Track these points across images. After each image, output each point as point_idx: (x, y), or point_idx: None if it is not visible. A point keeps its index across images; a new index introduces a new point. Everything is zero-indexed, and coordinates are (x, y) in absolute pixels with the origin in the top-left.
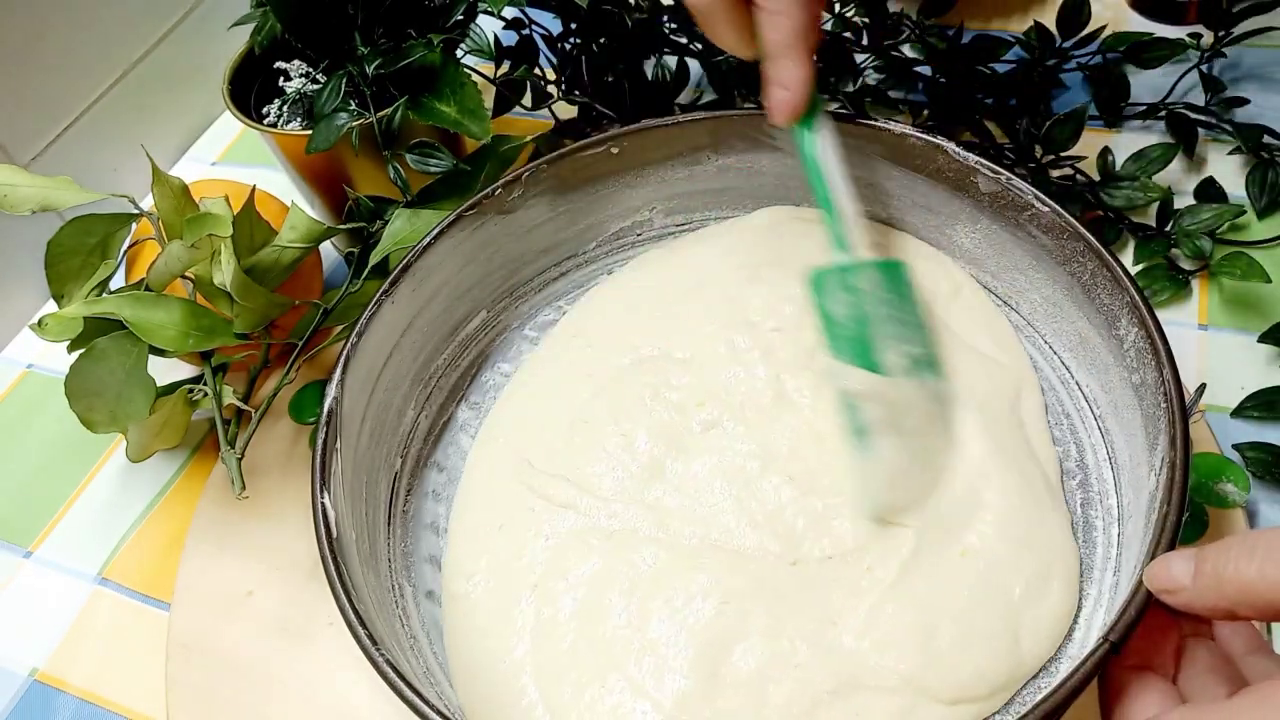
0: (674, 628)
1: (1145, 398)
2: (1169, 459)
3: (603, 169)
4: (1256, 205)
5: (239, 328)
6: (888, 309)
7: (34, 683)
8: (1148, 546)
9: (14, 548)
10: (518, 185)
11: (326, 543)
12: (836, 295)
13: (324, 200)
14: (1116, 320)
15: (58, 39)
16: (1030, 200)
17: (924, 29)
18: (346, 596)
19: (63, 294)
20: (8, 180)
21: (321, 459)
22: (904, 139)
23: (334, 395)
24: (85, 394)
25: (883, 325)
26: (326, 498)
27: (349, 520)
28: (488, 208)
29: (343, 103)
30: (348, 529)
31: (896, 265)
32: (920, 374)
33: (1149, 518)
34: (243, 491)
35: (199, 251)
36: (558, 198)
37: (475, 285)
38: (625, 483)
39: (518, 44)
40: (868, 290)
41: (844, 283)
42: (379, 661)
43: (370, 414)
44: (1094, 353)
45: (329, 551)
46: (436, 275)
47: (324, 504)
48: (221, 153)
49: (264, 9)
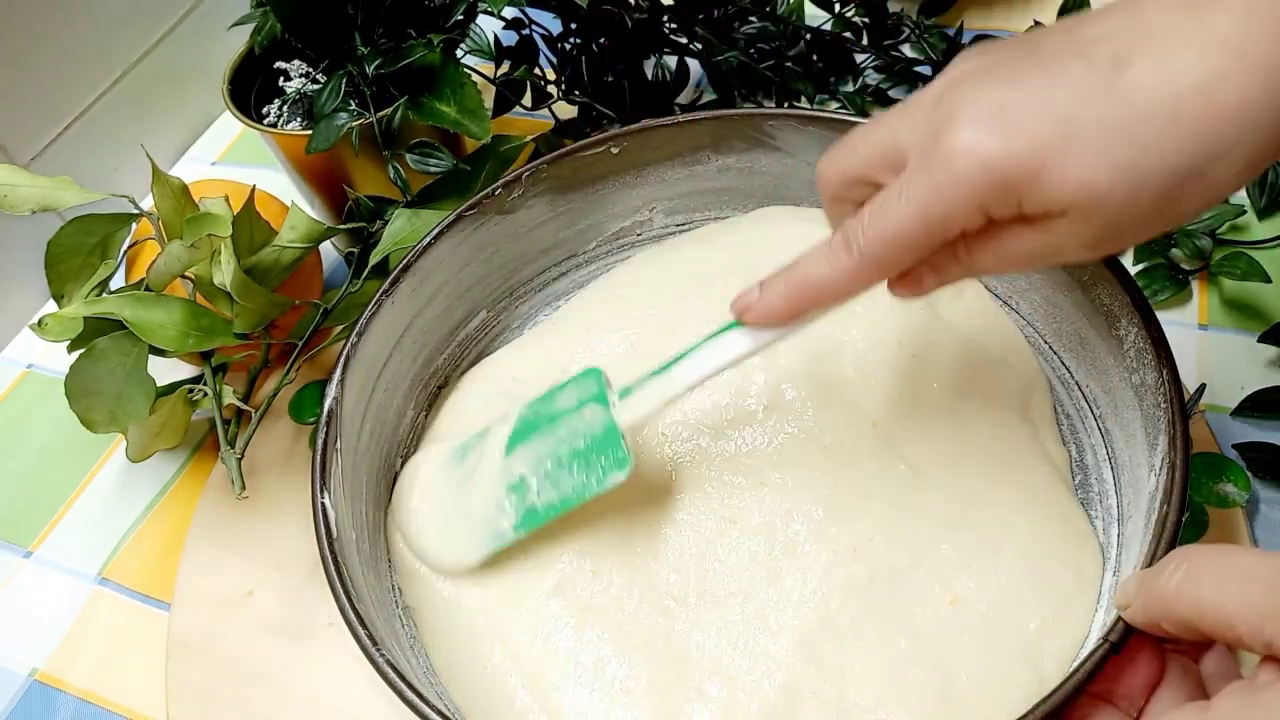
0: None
1: (1145, 398)
2: (1169, 459)
3: (603, 169)
4: (1256, 205)
5: (239, 328)
6: (566, 455)
7: (34, 683)
8: (1147, 547)
9: (14, 548)
10: (518, 185)
11: (326, 543)
12: (577, 390)
13: (324, 200)
14: (1116, 320)
15: (58, 39)
16: None
17: (924, 29)
18: (346, 596)
19: (63, 294)
20: (8, 180)
21: (321, 459)
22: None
23: (334, 395)
24: (85, 394)
25: (550, 448)
26: (326, 498)
27: (349, 520)
28: (488, 208)
29: (343, 103)
30: (348, 529)
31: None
32: (510, 499)
33: (1149, 518)
34: (242, 491)
35: (198, 251)
36: (558, 197)
37: (475, 285)
38: None
39: (518, 44)
40: (581, 424)
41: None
42: (379, 661)
43: (370, 414)
44: (1094, 353)
45: (329, 552)
46: (436, 275)
47: (324, 504)
48: (221, 153)
49: (264, 9)
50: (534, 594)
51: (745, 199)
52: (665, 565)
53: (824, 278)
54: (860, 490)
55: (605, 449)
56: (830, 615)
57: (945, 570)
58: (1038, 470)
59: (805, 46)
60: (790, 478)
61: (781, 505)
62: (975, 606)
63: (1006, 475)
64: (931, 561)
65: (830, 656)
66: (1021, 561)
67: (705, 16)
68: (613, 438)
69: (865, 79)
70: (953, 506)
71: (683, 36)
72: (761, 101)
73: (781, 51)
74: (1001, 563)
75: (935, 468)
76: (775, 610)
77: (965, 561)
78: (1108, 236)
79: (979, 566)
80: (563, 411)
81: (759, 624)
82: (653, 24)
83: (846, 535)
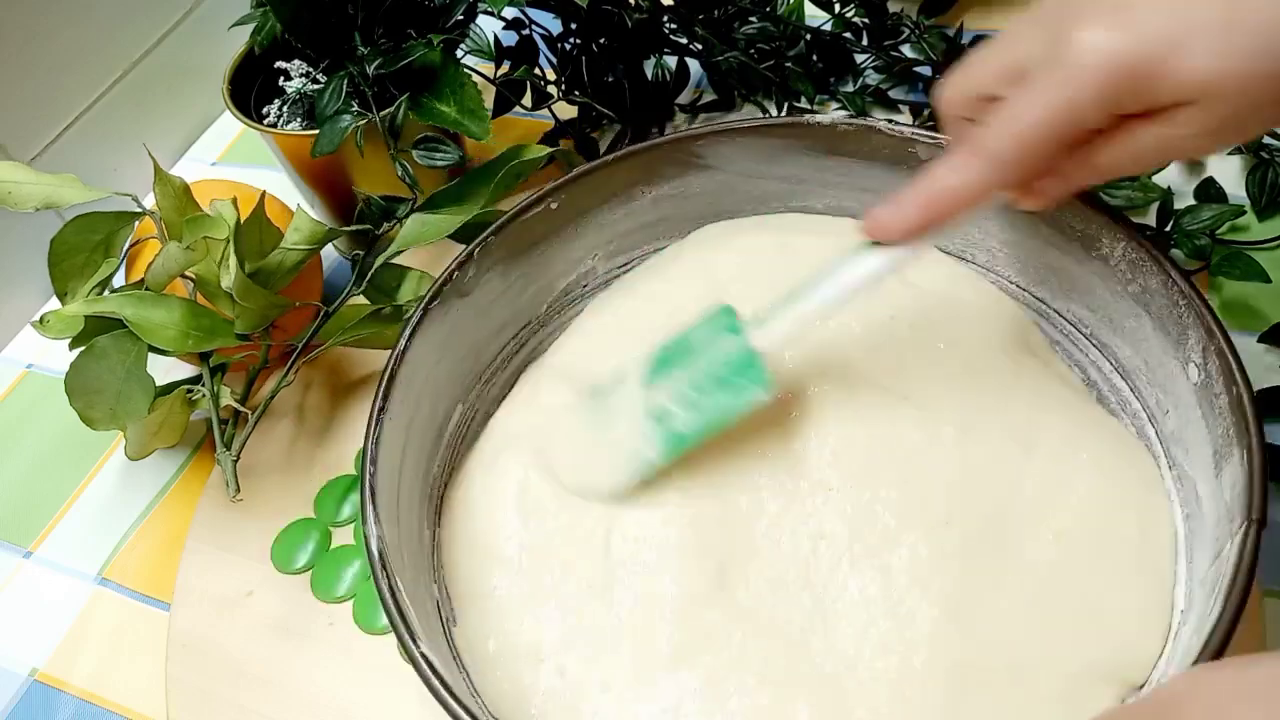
0: None
1: (1153, 301)
2: (1211, 346)
3: (544, 228)
4: (1256, 205)
5: (239, 328)
6: (707, 381)
7: (34, 683)
8: (1214, 431)
9: (14, 548)
10: (470, 264)
11: None
12: (710, 326)
13: (325, 199)
14: (1095, 241)
15: (58, 39)
16: None
17: (924, 29)
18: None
19: (66, 291)
20: (12, 177)
21: (393, 598)
22: (834, 128)
23: (376, 534)
24: (85, 391)
25: (689, 376)
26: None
27: None
28: (448, 294)
29: (344, 104)
30: None
31: (761, 382)
32: (654, 427)
33: (1204, 406)
34: (237, 494)
35: (195, 254)
36: (509, 267)
37: (447, 381)
38: None
39: (518, 44)
40: (719, 351)
41: (724, 326)
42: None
43: (403, 543)
44: (1071, 278)
45: None
46: (418, 377)
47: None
48: (221, 153)
49: (264, 9)
50: None
51: (680, 225)
52: (781, 600)
53: (956, 185)
54: (919, 467)
55: (744, 371)
56: (956, 587)
57: (1035, 509)
58: (1063, 395)
59: (805, 46)
60: (846, 476)
61: (855, 504)
62: (1076, 535)
63: (1042, 405)
64: (1018, 505)
65: (981, 625)
66: (1094, 473)
67: (705, 16)
68: (751, 360)
69: (865, 79)
70: (1010, 448)
71: (683, 36)
72: (761, 101)
73: (781, 51)
74: (1078, 480)
75: (977, 420)
76: (900, 597)
77: (1049, 494)
78: (1232, 125)
79: (1061, 495)
80: (699, 343)
81: (886, 614)
82: (653, 24)
83: (929, 511)
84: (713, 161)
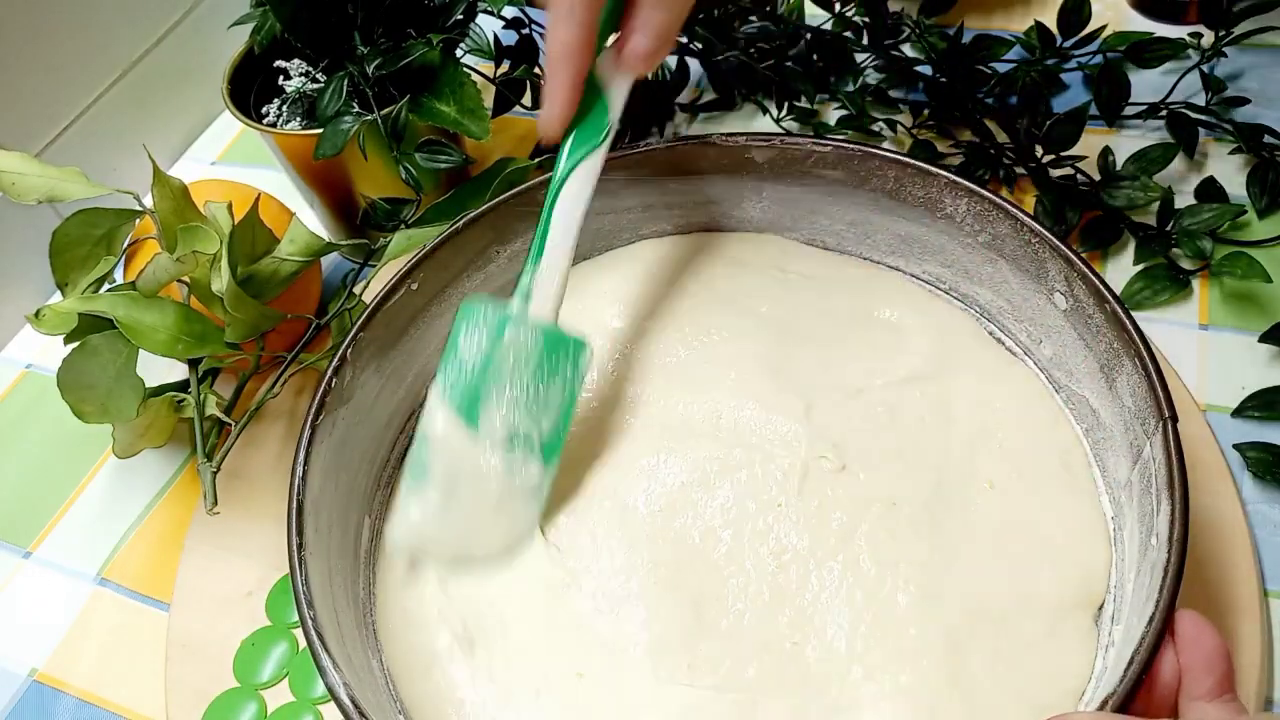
0: None
1: (1005, 246)
2: (1075, 274)
3: (410, 311)
4: (1257, 205)
5: (230, 337)
6: (529, 379)
7: (34, 683)
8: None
9: (14, 548)
10: (346, 367)
11: None
12: (477, 334)
13: (324, 199)
14: (938, 203)
15: (58, 38)
16: (810, 148)
17: (924, 29)
18: None
19: (66, 281)
20: (17, 168)
21: None
22: (673, 150)
23: (341, 683)
24: (76, 387)
25: (508, 389)
26: None
27: None
28: (331, 404)
29: (345, 104)
30: None
31: (576, 345)
32: (519, 454)
33: (1085, 324)
34: (214, 507)
35: (184, 265)
36: (382, 361)
37: (348, 494)
38: None
39: (518, 43)
40: (515, 349)
41: (495, 327)
42: None
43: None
44: (922, 242)
45: None
46: (324, 500)
47: None
48: (221, 152)
49: (264, 9)
50: None
51: None
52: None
53: (565, 39)
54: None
55: (554, 347)
56: (924, 560)
57: (966, 467)
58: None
59: (805, 46)
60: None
61: (802, 512)
62: (1008, 478)
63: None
64: (951, 468)
65: (956, 588)
66: (1006, 416)
67: (705, 16)
68: (552, 335)
69: (865, 79)
70: (931, 417)
71: (683, 36)
72: (762, 101)
73: (781, 51)
74: (996, 428)
75: (897, 398)
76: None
77: (974, 450)
78: None
79: (985, 446)
80: (485, 355)
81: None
82: None
83: (874, 499)
84: None
